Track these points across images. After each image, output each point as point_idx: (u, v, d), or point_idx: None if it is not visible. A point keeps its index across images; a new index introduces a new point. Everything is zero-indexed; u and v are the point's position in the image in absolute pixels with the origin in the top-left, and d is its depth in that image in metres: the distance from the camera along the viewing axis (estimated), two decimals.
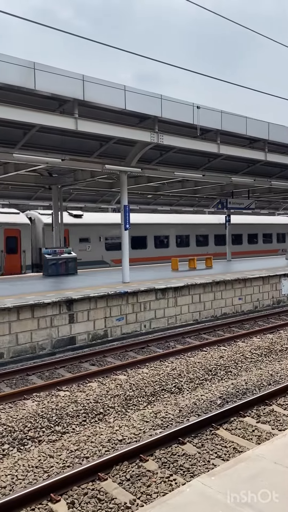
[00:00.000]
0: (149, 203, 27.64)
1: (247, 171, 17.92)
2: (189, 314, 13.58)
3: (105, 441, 5.91)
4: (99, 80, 10.23)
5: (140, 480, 4.96)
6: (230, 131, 13.17)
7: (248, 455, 3.56)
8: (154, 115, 11.41)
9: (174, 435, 5.83)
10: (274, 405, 7.01)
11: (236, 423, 6.40)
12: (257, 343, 11.01)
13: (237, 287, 15.09)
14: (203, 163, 16.46)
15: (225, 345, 10.85)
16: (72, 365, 9.53)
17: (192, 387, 8.05)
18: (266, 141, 14.65)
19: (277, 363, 9.45)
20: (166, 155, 14.94)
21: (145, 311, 12.41)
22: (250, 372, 8.84)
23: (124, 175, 13.61)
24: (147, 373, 8.74)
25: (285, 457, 3.49)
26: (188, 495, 3.02)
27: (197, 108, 11.77)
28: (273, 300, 16.45)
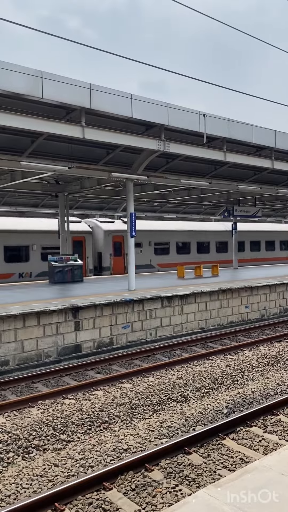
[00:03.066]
0: (155, 211, 27.66)
1: (254, 179, 17.91)
2: (195, 322, 13.51)
3: (110, 450, 5.87)
4: (105, 89, 10.30)
5: (146, 490, 4.90)
6: (237, 139, 13.19)
7: (255, 465, 3.51)
8: (160, 123, 11.46)
9: (179, 444, 5.77)
10: (281, 415, 6.92)
11: (242, 433, 6.32)
12: (264, 352, 10.91)
13: (244, 295, 15.01)
14: (209, 171, 16.47)
15: (231, 354, 10.77)
16: (78, 373, 9.49)
17: (198, 396, 7.99)
18: (273, 149, 14.65)
19: (284, 372, 9.35)
20: (173, 163, 14.98)
21: (151, 319, 12.37)
22: (257, 381, 8.75)
23: (130, 182, 13.65)
24: (153, 381, 8.68)
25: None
26: (194, 506, 2.98)
27: (203, 116, 11.80)
28: (280, 309, 16.34)
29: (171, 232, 26.27)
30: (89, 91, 9.97)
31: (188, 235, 27.17)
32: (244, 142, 13.67)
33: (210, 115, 12.16)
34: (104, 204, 24.70)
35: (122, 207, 24.62)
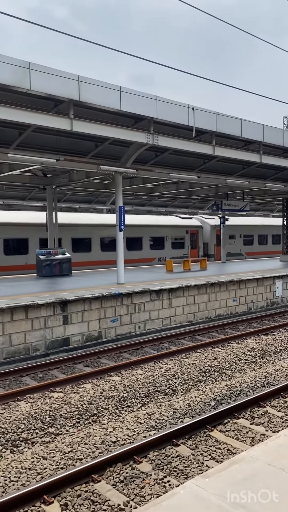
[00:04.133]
0: (144, 204, 27.66)
1: (242, 173, 17.97)
2: (183, 316, 13.58)
3: (98, 442, 5.89)
4: (94, 81, 10.21)
5: (134, 482, 4.94)
6: (225, 132, 13.19)
7: (242, 456, 3.56)
8: (149, 116, 11.41)
9: (168, 436, 5.82)
10: (268, 407, 7.02)
11: (230, 424, 6.40)
12: (251, 344, 11.03)
13: (232, 289, 15.12)
14: (198, 165, 16.48)
15: (219, 347, 10.86)
16: (66, 367, 9.49)
17: (186, 388, 8.05)
18: (261, 143, 14.70)
19: (271, 364, 9.47)
20: (161, 156, 14.94)
21: (139, 312, 12.40)
22: (244, 374, 8.85)
23: (119, 176, 13.60)
24: (141, 374, 8.72)
25: (279, 458, 3.48)
26: (182, 497, 3.01)
27: (192, 110, 11.78)
28: (267, 302, 16.50)
29: (255, 226, 31.48)
30: (77, 83, 9.88)
31: (263, 229, 32.12)
32: (232, 136, 13.69)
33: (199, 108, 12.14)
34: (93, 197, 24.61)
35: (111, 200, 24.55)
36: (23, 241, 20.33)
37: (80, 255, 21.42)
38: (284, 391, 7.55)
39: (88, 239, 22.42)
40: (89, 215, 24.25)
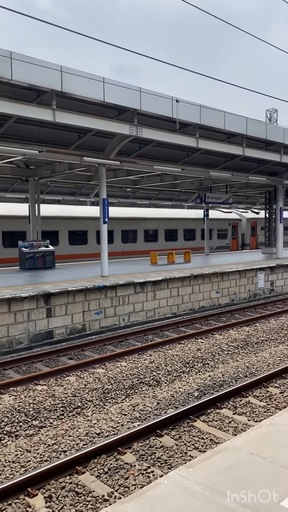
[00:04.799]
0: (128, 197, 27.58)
1: (225, 165, 18.04)
2: (167, 308, 13.65)
3: (83, 434, 5.91)
4: (77, 72, 10.08)
5: (118, 473, 4.98)
6: (209, 125, 13.20)
7: (225, 446, 3.61)
8: (133, 108, 11.33)
9: (152, 427, 5.87)
10: (250, 397, 7.13)
11: (213, 414, 6.48)
12: (233, 335, 11.16)
13: (215, 281, 15.24)
14: (182, 157, 16.48)
15: (202, 338, 10.96)
16: (50, 359, 9.46)
17: (170, 379, 8.11)
18: (244, 136, 14.75)
19: (253, 355, 9.60)
20: (145, 148, 14.89)
21: (123, 304, 12.41)
22: (226, 364, 8.96)
23: (102, 167, 13.52)
24: (126, 366, 8.76)
25: (260, 447, 3.55)
26: (165, 487, 3.05)
27: (176, 102, 11.75)
28: (249, 293, 16.69)
29: None
30: (60, 74, 9.74)
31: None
32: (216, 129, 13.70)
33: (183, 101, 12.11)
34: (76, 189, 24.42)
35: (94, 193, 24.41)
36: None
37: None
38: (266, 381, 7.68)
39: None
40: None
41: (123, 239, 24.53)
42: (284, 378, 7.93)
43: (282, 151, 16.86)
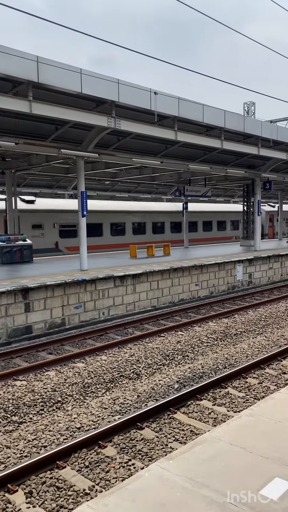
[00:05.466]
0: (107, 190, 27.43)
1: (204, 158, 18.10)
2: (147, 301, 13.67)
3: (63, 429, 5.88)
4: (54, 62, 9.91)
5: (99, 467, 4.98)
6: (187, 118, 13.19)
7: (205, 437, 3.64)
8: (111, 100, 11.22)
9: (132, 420, 5.88)
10: (229, 388, 7.21)
11: (193, 406, 6.53)
12: (213, 327, 11.26)
13: (194, 274, 15.33)
14: (160, 150, 16.45)
15: (182, 330, 11.03)
16: (29, 355, 9.37)
17: (150, 372, 8.14)
18: (222, 129, 14.81)
19: (232, 346, 9.72)
20: (124, 140, 14.80)
21: (103, 298, 12.37)
22: (206, 356, 9.04)
23: (80, 160, 13.38)
24: (106, 360, 8.75)
25: (240, 437, 3.59)
26: (146, 480, 3.06)
27: (154, 94, 11.68)
28: (228, 286, 16.86)
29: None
30: (36, 64, 9.55)
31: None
32: (194, 122, 13.71)
33: (161, 93, 12.05)
34: (54, 182, 24.14)
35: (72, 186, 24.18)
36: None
37: None
38: (245, 372, 7.78)
39: None
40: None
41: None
42: (263, 369, 8.05)
43: (259, 144, 17.01)
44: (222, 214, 33.06)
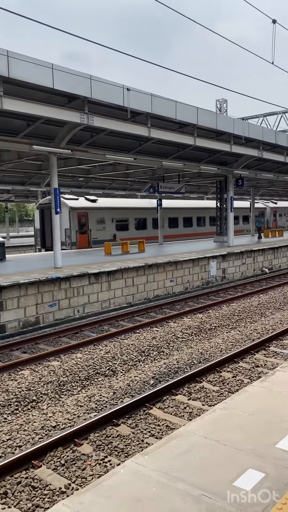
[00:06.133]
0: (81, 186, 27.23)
1: (177, 155, 18.18)
2: (122, 298, 13.68)
3: (38, 428, 5.83)
4: (25, 57, 9.73)
5: (75, 464, 4.96)
6: (160, 114, 13.20)
7: (180, 432, 3.68)
8: (83, 96, 11.13)
9: (108, 417, 5.88)
10: (204, 382, 7.30)
11: (168, 401, 6.59)
12: (187, 323, 11.36)
13: (169, 270, 15.42)
14: (134, 146, 16.43)
15: (157, 326, 11.09)
16: (2, 354, 9.23)
17: (125, 369, 8.16)
18: (195, 126, 14.90)
19: (206, 341, 9.83)
20: (97, 137, 14.70)
21: (78, 296, 12.30)
22: (181, 351, 9.12)
23: (53, 156, 13.23)
24: (81, 357, 8.71)
25: (214, 431, 3.65)
26: (122, 476, 3.07)
27: (127, 90, 11.64)
28: (202, 281, 17.03)
29: None
30: (6, 59, 9.36)
31: None
32: (167, 118, 13.74)
33: (134, 89, 12.03)
34: (26, 178, 23.80)
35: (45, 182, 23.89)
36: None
37: None
38: (219, 366, 7.89)
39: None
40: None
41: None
42: (236, 363, 8.18)
43: (232, 141, 17.20)
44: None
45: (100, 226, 24.61)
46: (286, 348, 9.05)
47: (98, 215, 24.50)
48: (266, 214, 40.67)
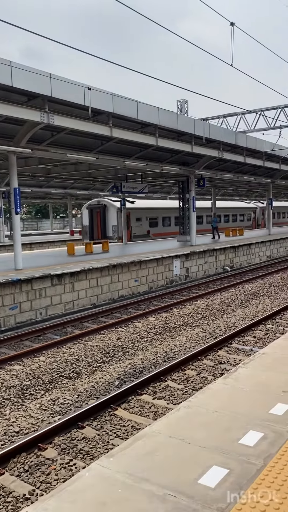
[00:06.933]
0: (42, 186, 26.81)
1: (140, 155, 18.21)
2: (86, 299, 13.56)
3: (1, 434, 5.69)
4: None
5: (39, 470, 4.88)
6: (122, 114, 13.17)
7: (145, 432, 3.68)
8: (43, 94, 10.94)
9: (73, 420, 5.82)
10: (169, 381, 7.35)
11: (133, 401, 6.59)
12: (152, 322, 11.41)
13: (133, 270, 15.43)
14: (96, 146, 16.32)
15: (122, 327, 11.06)
16: None
17: (90, 370, 8.09)
18: (157, 126, 14.97)
19: (171, 340, 9.90)
20: (58, 136, 14.49)
21: (40, 298, 12.09)
22: (146, 351, 9.14)
23: (13, 155, 12.94)
24: (44, 361, 8.57)
25: (179, 430, 3.67)
26: (87, 480, 3.03)
27: (88, 89, 11.54)
28: (166, 280, 17.15)
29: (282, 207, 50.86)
30: None
31: None
32: (129, 118, 13.73)
33: (95, 88, 11.94)
34: None
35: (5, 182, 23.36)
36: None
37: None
38: (183, 364, 7.97)
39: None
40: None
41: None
42: (200, 360, 8.29)
43: (193, 142, 17.40)
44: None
45: (138, 223, 29.60)
46: (247, 345, 9.25)
47: (137, 214, 29.43)
48: (257, 212, 46.54)
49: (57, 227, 60.57)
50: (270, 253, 25.99)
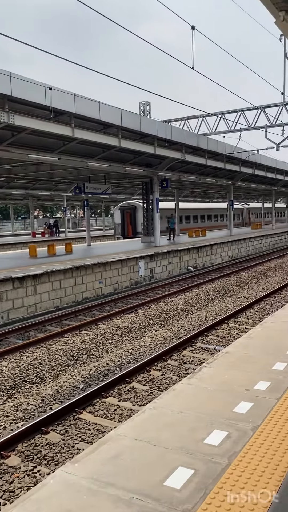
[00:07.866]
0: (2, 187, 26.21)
1: (103, 156, 18.12)
2: (49, 302, 13.35)
3: None
4: None
5: (2, 478, 4.75)
6: (84, 115, 13.07)
7: (110, 435, 3.64)
8: (3, 93, 10.69)
9: (36, 425, 5.71)
10: (134, 382, 7.34)
11: (99, 404, 6.54)
12: (117, 324, 11.37)
13: (97, 271, 15.32)
14: (58, 146, 16.10)
15: (86, 329, 10.97)
16: None
17: (54, 374, 7.97)
18: (120, 127, 14.95)
19: (136, 341, 9.90)
20: (19, 136, 14.19)
21: (1, 301, 11.80)
22: (111, 353, 9.10)
23: None
24: (6, 366, 8.37)
25: (144, 432, 3.66)
26: (52, 487, 2.97)
27: (49, 89, 11.38)
28: (131, 282, 17.15)
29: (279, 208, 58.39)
30: None
31: None
32: (91, 119, 13.64)
33: (56, 88, 11.78)
34: None
35: None
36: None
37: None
38: (148, 365, 7.99)
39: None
40: None
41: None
42: (165, 361, 8.33)
43: (155, 143, 17.50)
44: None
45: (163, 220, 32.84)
46: (211, 344, 9.39)
47: (164, 213, 32.53)
48: (244, 212, 51.48)
49: (18, 229, 59.38)
50: (232, 253, 26.52)
